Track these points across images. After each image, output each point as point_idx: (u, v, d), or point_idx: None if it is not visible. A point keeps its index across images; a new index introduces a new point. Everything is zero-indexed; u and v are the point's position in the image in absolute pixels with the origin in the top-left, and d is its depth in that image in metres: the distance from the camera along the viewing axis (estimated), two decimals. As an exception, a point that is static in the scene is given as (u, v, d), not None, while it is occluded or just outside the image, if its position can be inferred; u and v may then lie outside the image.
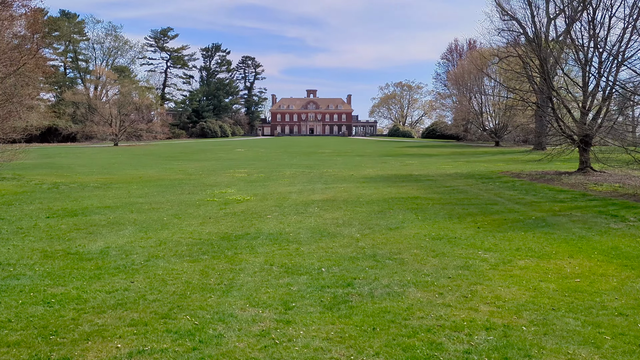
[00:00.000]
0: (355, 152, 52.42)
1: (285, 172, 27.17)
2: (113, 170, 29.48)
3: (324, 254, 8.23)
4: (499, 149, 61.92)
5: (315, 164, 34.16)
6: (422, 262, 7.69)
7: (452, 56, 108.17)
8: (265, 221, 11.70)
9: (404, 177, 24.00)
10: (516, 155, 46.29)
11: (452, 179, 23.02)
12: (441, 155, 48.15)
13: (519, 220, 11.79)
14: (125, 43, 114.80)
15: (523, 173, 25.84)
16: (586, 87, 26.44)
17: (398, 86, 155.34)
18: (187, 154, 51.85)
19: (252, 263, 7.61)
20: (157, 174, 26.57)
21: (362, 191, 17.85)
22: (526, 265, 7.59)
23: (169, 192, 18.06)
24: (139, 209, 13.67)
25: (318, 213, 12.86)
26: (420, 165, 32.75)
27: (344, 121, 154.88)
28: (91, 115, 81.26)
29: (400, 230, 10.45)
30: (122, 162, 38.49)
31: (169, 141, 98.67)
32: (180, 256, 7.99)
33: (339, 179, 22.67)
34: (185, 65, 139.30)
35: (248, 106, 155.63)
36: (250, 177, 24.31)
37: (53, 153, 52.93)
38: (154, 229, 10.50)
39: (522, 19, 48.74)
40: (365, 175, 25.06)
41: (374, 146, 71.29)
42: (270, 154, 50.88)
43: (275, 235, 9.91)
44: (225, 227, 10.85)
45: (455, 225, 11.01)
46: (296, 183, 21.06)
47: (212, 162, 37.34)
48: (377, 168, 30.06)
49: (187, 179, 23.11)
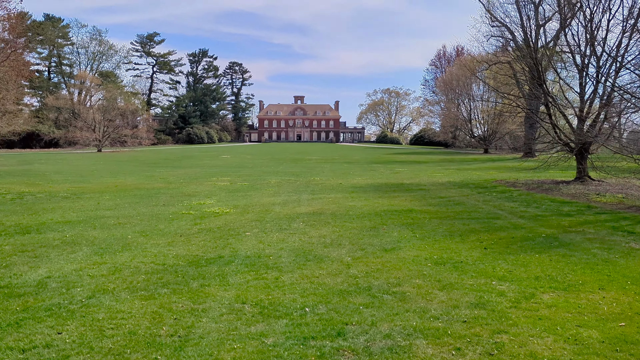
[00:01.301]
0: (343, 159, 51.15)
1: (270, 180, 25.77)
2: (90, 177, 27.85)
3: (308, 286, 6.85)
4: (488, 156, 61.10)
5: (302, 171, 32.79)
6: (427, 298, 6.34)
7: (440, 62, 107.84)
8: (243, 240, 10.29)
9: (395, 186, 22.73)
10: (507, 163, 45.36)
11: (446, 188, 21.81)
12: (431, 162, 47.06)
13: (528, 239, 10.53)
14: (110, 48, 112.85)
15: (519, 182, 24.73)
16: (583, 93, 25.48)
17: (386, 93, 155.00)
18: (171, 160, 50.20)
19: (219, 300, 6.20)
20: (135, 182, 25.02)
21: (351, 202, 16.52)
22: (553, 301, 6.28)
23: (142, 203, 16.58)
24: (104, 224, 12.19)
25: (303, 229, 11.48)
26: (411, 173, 31.55)
27: (331, 127, 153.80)
28: (74, 120, 79.17)
29: (397, 252, 9.11)
30: (102, 169, 36.79)
31: (155, 147, 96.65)
32: (133, 290, 6.55)
33: (326, 189, 21.33)
34: (171, 71, 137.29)
35: (235, 112, 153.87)
36: (233, 185, 22.87)
37: (33, 159, 50.97)
38: (112, 251, 9.04)
39: (511, 24, 47.91)
40: (355, 184, 23.76)
41: (362, 153, 70.10)
42: (256, 160, 49.42)
43: (252, 259, 8.51)
44: (196, 248, 9.42)
45: (458, 246, 9.70)
46: (281, 193, 19.68)
47: (196, 169, 35.82)
48: (366, 176, 28.79)
49: (165, 188, 21.61)
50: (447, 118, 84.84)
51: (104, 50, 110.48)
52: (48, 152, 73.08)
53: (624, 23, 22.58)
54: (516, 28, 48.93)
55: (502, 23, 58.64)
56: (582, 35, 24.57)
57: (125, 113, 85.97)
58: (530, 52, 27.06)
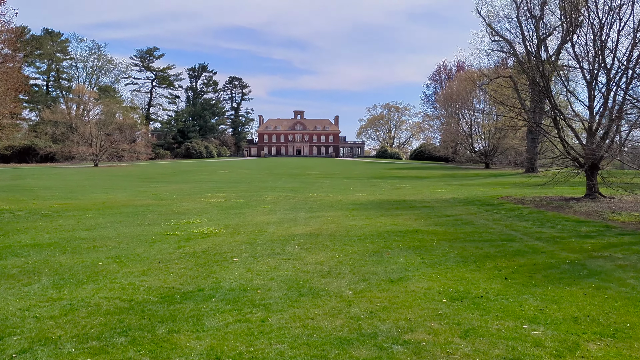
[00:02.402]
0: (342, 174, 49.99)
1: (267, 196, 24.58)
2: (79, 193, 26.66)
3: (301, 332, 5.62)
4: (490, 172, 59.95)
5: (300, 187, 31.60)
6: (447, 350, 5.11)
7: (441, 77, 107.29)
8: (229, 267, 9.06)
9: (397, 203, 21.52)
10: (509, 179, 44.22)
11: (451, 205, 20.60)
12: (432, 177, 45.89)
13: (551, 266, 9.31)
14: (109, 62, 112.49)
15: (526, 199, 23.53)
16: (592, 106, 24.41)
17: (385, 107, 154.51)
18: (168, 175, 49.06)
19: (188, 354, 4.97)
20: (125, 198, 23.83)
21: (351, 222, 15.29)
22: (603, 354, 5.06)
23: (126, 222, 15.36)
24: (76, 247, 10.96)
25: (298, 254, 10.25)
26: (413, 189, 30.36)
27: (331, 142, 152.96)
28: (71, 135, 78.21)
29: (405, 283, 7.88)
30: (95, 184, 35.61)
31: (152, 162, 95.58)
32: (83, 339, 5.31)
33: (325, 206, 20.12)
34: (171, 85, 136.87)
35: (235, 127, 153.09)
36: (227, 202, 21.67)
37: (26, 174, 49.84)
38: (75, 282, 7.80)
39: (514, 38, 47.15)
40: (355, 200, 22.55)
41: (362, 168, 68.99)
42: (254, 175, 48.26)
43: (237, 293, 7.28)
44: (174, 278, 8.20)
45: (474, 275, 8.48)
46: (277, 210, 18.46)
47: (191, 185, 34.65)
48: (366, 192, 27.60)
49: (155, 205, 20.41)
50: (447, 133, 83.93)
51: (103, 64, 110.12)
52: (44, 166, 71.98)
53: (635, 32, 21.63)
54: (518, 42, 48.20)
55: (503, 38, 58.09)
56: (591, 46, 23.56)
57: (122, 127, 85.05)
58: (537, 65, 26.07)
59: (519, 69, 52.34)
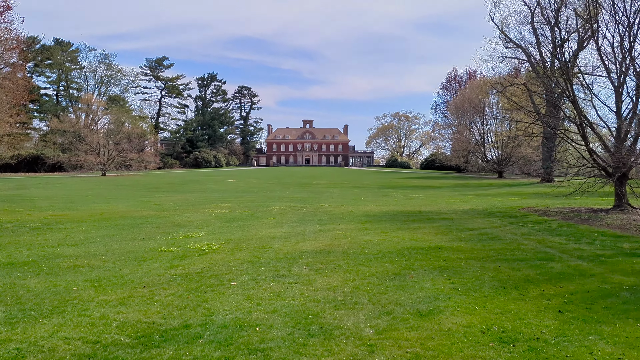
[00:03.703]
0: (352, 184, 48.54)
1: (274, 207, 23.20)
2: (79, 203, 25.47)
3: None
4: (504, 181, 58.17)
5: (309, 197, 30.20)
6: None
7: (452, 85, 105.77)
8: (225, 294, 7.67)
9: (413, 215, 20.03)
10: (525, 189, 42.50)
11: (471, 217, 19.07)
12: (445, 187, 44.27)
13: (608, 293, 7.81)
14: (119, 71, 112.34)
15: (550, 210, 21.94)
16: (620, 111, 22.84)
17: (395, 117, 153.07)
18: (175, 185, 47.90)
19: None
20: (126, 209, 22.58)
21: (366, 236, 13.84)
22: None
23: (119, 236, 14.05)
24: (54, 267, 9.62)
25: (307, 276, 8.83)
26: (427, 199, 28.83)
27: (340, 151, 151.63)
28: (79, 144, 77.59)
29: (437, 317, 6.43)
30: (97, 194, 34.49)
31: (161, 171, 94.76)
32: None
33: (336, 217, 18.69)
34: (180, 95, 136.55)
35: (243, 136, 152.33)
36: (231, 213, 20.33)
37: (31, 184, 48.97)
38: (35, 316, 6.44)
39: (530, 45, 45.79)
40: (367, 211, 21.10)
41: (373, 177, 67.48)
42: (262, 185, 46.97)
43: (230, 331, 5.88)
44: (157, 309, 6.81)
45: (519, 306, 7.00)
46: (284, 223, 17.06)
47: (197, 195, 33.40)
48: (379, 202, 26.13)
49: (155, 217, 19.11)
50: (459, 142, 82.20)
51: (112, 74, 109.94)
52: (51, 176, 71.29)
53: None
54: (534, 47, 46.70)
55: (516, 44, 56.53)
56: (617, 48, 22.07)
57: (131, 136, 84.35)
58: (562, 68, 24.54)
59: (534, 76, 50.84)
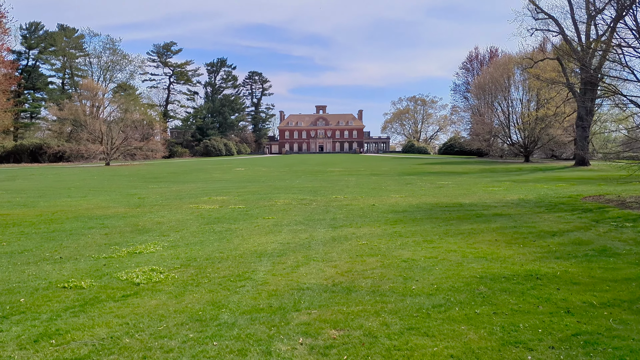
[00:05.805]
0: (369, 171, 44.24)
1: (277, 200, 19.15)
2: (47, 198, 21.66)
3: None
4: (533, 165, 53.18)
5: (321, 187, 26.05)
6: None
7: (472, 65, 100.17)
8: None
9: (454, 209, 15.73)
10: (563, 173, 37.78)
11: (533, 212, 14.62)
12: (471, 173, 39.65)
13: None
14: (124, 57, 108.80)
15: (626, 201, 17.34)
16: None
17: (412, 100, 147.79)
18: (177, 174, 44.09)
19: None
20: (94, 205, 18.60)
21: (402, 250, 9.57)
22: None
23: (34, 251, 10.16)
24: None
25: None
26: (459, 187, 24.47)
27: (355, 137, 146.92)
28: (81, 132, 74.35)
29: None
30: (86, 185, 30.81)
31: (169, 160, 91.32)
32: None
33: (354, 215, 14.53)
34: (189, 81, 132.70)
35: (255, 123, 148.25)
36: (221, 210, 16.30)
37: (24, 174, 45.69)
38: None
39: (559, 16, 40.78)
40: (393, 205, 16.88)
41: (390, 163, 63.00)
42: (271, 173, 42.93)
43: None
44: None
45: None
46: (284, 225, 12.94)
47: (196, 185, 29.54)
48: (404, 192, 21.89)
49: (120, 216, 15.09)
50: (480, 124, 77.03)
51: (117, 59, 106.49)
52: (53, 166, 68.14)
53: None
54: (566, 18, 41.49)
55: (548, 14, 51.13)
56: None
57: (137, 125, 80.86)
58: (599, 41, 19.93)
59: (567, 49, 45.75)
